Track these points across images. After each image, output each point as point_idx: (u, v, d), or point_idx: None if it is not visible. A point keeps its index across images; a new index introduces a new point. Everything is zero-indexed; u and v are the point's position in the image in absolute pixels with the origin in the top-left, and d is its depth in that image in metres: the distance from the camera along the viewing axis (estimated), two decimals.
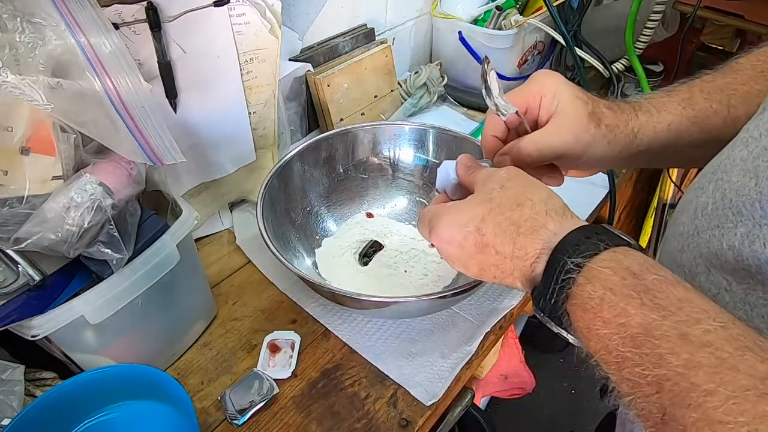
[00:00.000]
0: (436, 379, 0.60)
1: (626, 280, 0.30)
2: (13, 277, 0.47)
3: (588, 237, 0.33)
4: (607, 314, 0.29)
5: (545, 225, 0.35)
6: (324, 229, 0.79)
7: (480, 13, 1.04)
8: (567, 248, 0.33)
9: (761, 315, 0.31)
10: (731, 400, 0.23)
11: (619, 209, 1.33)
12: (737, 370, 0.24)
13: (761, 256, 0.30)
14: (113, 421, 0.53)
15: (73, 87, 0.44)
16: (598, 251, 0.32)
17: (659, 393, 0.26)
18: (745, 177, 0.32)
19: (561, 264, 0.32)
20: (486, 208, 0.38)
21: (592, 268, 0.31)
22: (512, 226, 0.36)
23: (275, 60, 0.71)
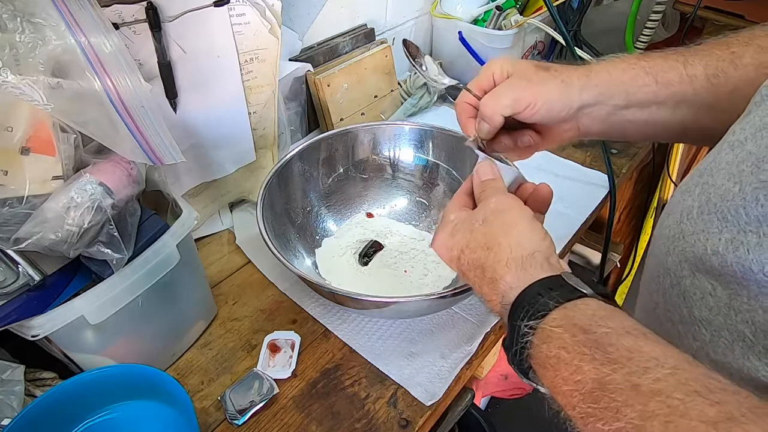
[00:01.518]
0: (436, 379, 0.60)
1: (577, 337, 0.31)
2: (13, 277, 0.47)
3: (541, 295, 0.34)
4: (564, 372, 0.31)
5: (503, 277, 0.37)
6: (324, 229, 0.79)
7: (480, 13, 1.04)
8: (520, 311, 0.35)
9: (745, 320, 0.31)
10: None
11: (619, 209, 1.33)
12: (689, 417, 0.24)
13: (745, 262, 0.30)
14: (113, 421, 0.53)
15: (73, 87, 0.44)
16: (548, 310, 0.33)
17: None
18: (730, 181, 0.33)
19: (518, 329, 0.34)
20: (465, 241, 0.41)
21: (545, 329, 0.33)
22: (480, 269, 0.40)
23: (275, 60, 0.71)
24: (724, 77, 0.43)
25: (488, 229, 0.40)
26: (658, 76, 0.45)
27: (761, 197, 0.30)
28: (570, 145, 0.98)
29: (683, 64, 0.44)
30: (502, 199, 0.43)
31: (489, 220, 0.41)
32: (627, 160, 0.95)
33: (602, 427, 0.27)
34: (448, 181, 0.80)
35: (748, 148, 0.33)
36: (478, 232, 0.41)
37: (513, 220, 0.41)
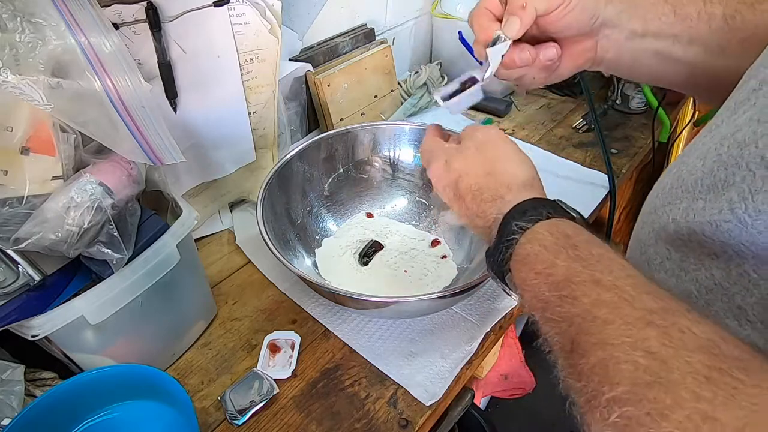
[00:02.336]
0: (436, 379, 0.60)
1: (559, 240, 0.35)
2: (13, 277, 0.47)
3: (536, 207, 0.38)
4: (539, 266, 0.34)
5: (503, 196, 0.41)
6: (324, 229, 0.79)
7: None
8: (515, 214, 0.38)
9: (693, 279, 0.34)
10: (623, 327, 0.27)
11: (619, 209, 1.33)
12: (633, 306, 0.28)
13: (692, 225, 0.33)
14: (113, 421, 0.53)
15: (73, 87, 0.44)
16: (540, 218, 0.37)
17: (571, 326, 0.30)
18: (698, 159, 0.35)
19: (509, 227, 0.38)
20: (464, 167, 0.44)
21: (533, 230, 0.37)
22: (478, 192, 0.43)
23: (275, 60, 0.71)
24: (741, 20, 0.43)
25: (484, 156, 0.44)
26: (677, 7, 0.45)
27: (715, 169, 0.33)
28: (570, 145, 0.98)
29: (703, 0, 0.44)
30: (489, 130, 0.46)
31: (482, 149, 0.45)
32: (627, 160, 0.95)
33: (560, 310, 0.31)
34: None
35: (722, 130, 0.35)
36: (476, 160, 0.44)
37: (507, 148, 0.44)
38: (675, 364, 0.24)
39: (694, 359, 0.24)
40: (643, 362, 0.25)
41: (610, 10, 0.46)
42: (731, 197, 0.31)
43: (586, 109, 1.07)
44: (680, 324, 0.26)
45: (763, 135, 0.30)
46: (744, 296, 0.31)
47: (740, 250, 0.30)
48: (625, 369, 0.25)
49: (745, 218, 0.30)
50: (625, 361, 0.26)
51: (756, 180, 0.29)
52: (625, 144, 0.99)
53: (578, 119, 1.05)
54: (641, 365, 0.25)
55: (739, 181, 0.30)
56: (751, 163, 0.30)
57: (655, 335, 0.26)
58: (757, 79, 0.34)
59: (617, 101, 1.08)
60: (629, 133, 1.02)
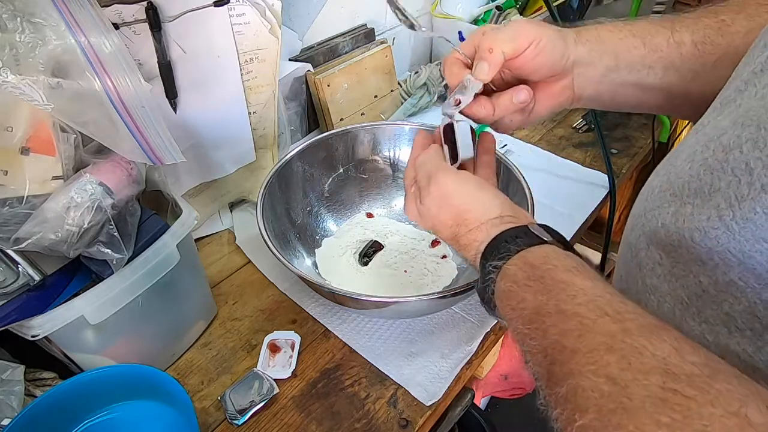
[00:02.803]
0: (436, 379, 0.60)
1: (527, 273, 0.36)
2: (13, 277, 0.47)
3: (507, 242, 0.39)
4: (513, 302, 0.36)
5: (476, 238, 0.42)
6: (324, 229, 0.79)
7: (480, 13, 1.04)
8: (488, 255, 0.40)
9: (682, 285, 0.35)
10: (587, 355, 0.28)
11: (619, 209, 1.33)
12: (594, 330, 0.29)
13: (681, 231, 0.33)
14: (113, 421, 0.53)
15: (73, 87, 0.44)
16: (510, 254, 0.39)
17: (545, 357, 0.31)
18: (685, 162, 0.35)
19: (485, 268, 0.40)
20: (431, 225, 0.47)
21: (504, 269, 0.38)
22: (454, 241, 0.45)
23: (275, 60, 0.71)
24: (711, 44, 0.44)
25: (449, 209, 0.45)
26: (645, 39, 0.46)
27: (701, 173, 0.33)
28: (570, 145, 0.98)
29: (670, 30, 0.46)
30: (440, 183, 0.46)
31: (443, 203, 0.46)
32: (627, 160, 0.95)
33: (534, 343, 0.33)
34: None
35: (707, 131, 0.35)
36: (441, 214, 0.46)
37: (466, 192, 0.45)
38: (634, 389, 0.25)
39: (650, 381, 0.25)
40: (606, 389, 0.26)
41: (581, 49, 0.47)
42: (718, 203, 0.31)
43: (586, 109, 1.07)
44: (638, 344, 0.27)
45: (747, 140, 0.30)
46: (732, 304, 0.31)
47: (726, 258, 0.31)
48: (591, 397, 0.26)
49: (732, 225, 0.30)
50: (590, 388, 0.27)
51: (741, 186, 0.29)
52: (625, 144, 0.99)
53: (578, 119, 1.05)
54: (605, 392, 0.26)
55: (725, 187, 0.31)
56: (736, 169, 0.30)
57: (614, 360, 0.27)
58: (741, 80, 0.34)
59: None
60: (629, 133, 1.02)
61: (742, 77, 0.34)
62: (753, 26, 0.43)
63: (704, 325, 0.34)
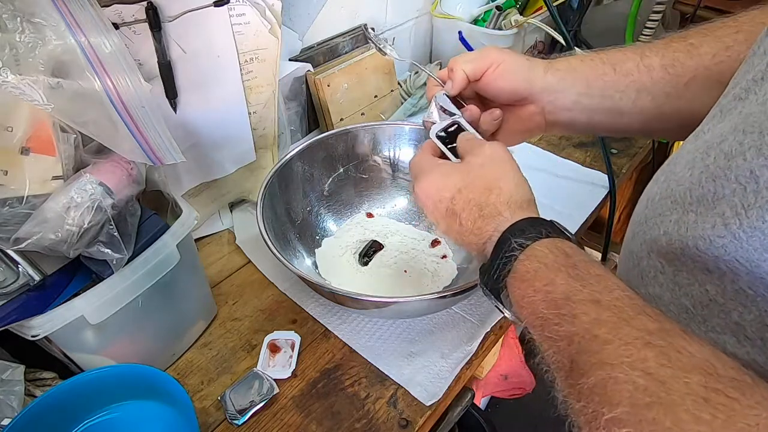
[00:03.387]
0: (436, 379, 0.60)
1: (558, 258, 0.35)
2: (13, 277, 0.47)
3: (534, 225, 0.38)
4: (539, 283, 0.34)
5: (502, 213, 0.41)
6: (324, 229, 0.79)
7: (480, 13, 1.04)
8: (515, 231, 0.39)
9: (687, 294, 0.34)
10: (622, 347, 0.27)
11: (619, 209, 1.33)
12: (631, 326, 0.28)
13: (685, 239, 0.33)
14: (113, 421, 0.53)
15: (73, 87, 0.44)
16: (540, 236, 0.37)
17: (570, 345, 0.30)
18: (686, 168, 0.35)
19: (507, 243, 0.38)
20: (463, 182, 0.44)
21: (533, 248, 0.37)
22: (477, 207, 0.42)
23: (275, 60, 0.71)
24: (680, 67, 0.46)
25: (487, 172, 0.44)
26: (615, 65, 0.48)
27: (703, 180, 0.32)
28: (570, 145, 0.98)
29: (639, 55, 0.47)
30: (496, 147, 0.46)
31: (487, 165, 0.44)
32: (627, 160, 0.95)
33: (558, 328, 0.31)
34: None
35: (706, 138, 0.35)
36: (478, 175, 0.44)
37: (509, 167, 0.44)
38: (673, 385, 0.24)
39: (691, 380, 0.24)
40: (642, 383, 0.25)
41: (551, 78, 0.50)
42: (723, 211, 0.30)
43: None
44: (677, 344, 0.26)
45: (750, 147, 0.29)
46: (741, 313, 0.31)
47: (734, 267, 0.30)
48: (624, 389, 0.25)
49: (740, 234, 0.29)
50: (624, 381, 0.25)
51: (747, 194, 0.29)
52: (625, 144, 0.99)
53: None
54: (640, 386, 0.25)
55: (729, 195, 0.30)
56: (740, 177, 0.30)
57: (653, 356, 0.26)
58: (741, 87, 0.34)
59: None
60: None
61: (742, 85, 0.34)
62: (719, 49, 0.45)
63: (711, 334, 0.33)
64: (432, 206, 0.46)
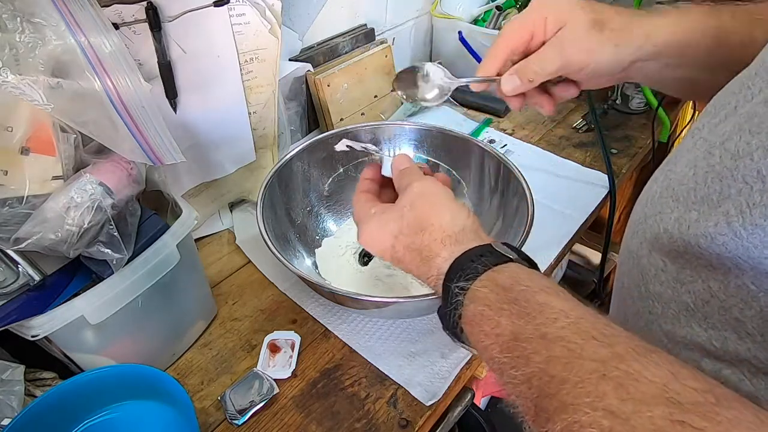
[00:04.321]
0: (436, 379, 0.60)
1: (499, 295, 0.34)
2: (13, 277, 0.47)
3: (473, 261, 0.37)
4: (486, 327, 0.34)
5: (439, 254, 0.40)
6: (324, 229, 0.79)
7: (480, 13, 1.04)
8: (452, 275, 0.38)
9: (688, 291, 0.34)
10: (579, 385, 0.26)
11: (619, 209, 1.33)
12: (584, 357, 0.27)
13: (686, 237, 0.33)
14: (113, 421, 0.53)
15: (73, 87, 0.44)
16: (477, 274, 0.36)
17: (530, 389, 0.29)
18: (687, 167, 0.35)
19: (450, 290, 0.37)
20: (397, 227, 0.43)
21: (473, 290, 0.36)
22: (416, 252, 0.42)
23: (275, 60, 0.71)
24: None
25: (418, 213, 0.43)
26: (722, 38, 0.44)
27: (709, 180, 0.32)
28: (570, 145, 0.98)
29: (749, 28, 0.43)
30: (424, 182, 0.45)
31: (416, 204, 0.43)
32: (627, 160, 0.95)
33: (515, 372, 0.30)
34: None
35: (704, 135, 0.35)
36: (409, 217, 0.43)
37: (439, 200, 0.43)
38: (638, 422, 0.23)
39: (655, 413, 0.23)
40: (607, 424, 0.24)
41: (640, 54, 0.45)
42: (728, 210, 0.30)
43: (586, 109, 1.07)
44: (633, 371, 0.25)
45: (758, 147, 0.29)
46: (742, 309, 0.31)
47: (738, 263, 0.30)
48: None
49: (740, 232, 0.29)
50: (588, 424, 0.25)
51: (753, 194, 0.29)
52: (625, 144, 0.99)
53: (578, 119, 1.05)
54: (605, 427, 0.24)
55: (735, 194, 0.30)
56: (747, 177, 0.30)
57: (611, 389, 0.25)
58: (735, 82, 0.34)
59: (617, 101, 1.08)
60: (629, 133, 1.02)
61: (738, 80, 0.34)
62: None
63: (711, 331, 0.33)
64: (380, 254, 0.46)
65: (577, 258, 1.42)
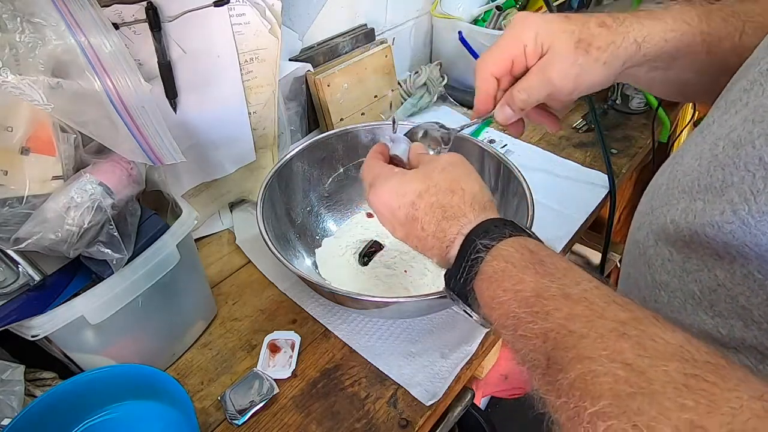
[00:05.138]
0: (436, 379, 0.60)
1: (524, 255, 0.35)
2: (13, 277, 0.47)
3: (497, 226, 0.38)
4: (507, 283, 0.34)
5: (466, 214, 0.40)
6: (324, 229, 0.79)
7: (480, 13, 1.04)
8: (479, 232, 0.38)
9: (694, 279, 0.35)
10: (598, 340, 0.27)
11: (619, 209, 1.33)
12: (605, 318, 0.28)
13: (693, 226, 0.33)
14: (113, 421, 0.53)
15: (73, 87, 0.44)
16: (504, 236, 0.37)
17: (545, 342, 0.30)
18: (693, 159, 0.35)
19: (473, 245, 0.37)
20: (424, 186, 0.42)
21: (498, 248, 0.36)
22: (440, 209, 0.41)
23: (275, 60, 0.71)
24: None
25: (449, 176, 0.43)
26: (712, 44, 0.43)
27: (711, 169, 0.33)
28: (570, 145, 0.98)
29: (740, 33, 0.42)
30: (453, 155, 0.46)
31: (448, 169, 0.43)
32: (627, 160, 0.95)
33: (532, 326, 0.31)
34: None
35: (713, 129, 0.35)
36: (440, 178, 0.43)
37: (471, 171, 0.44)
38: (653, 374, 0.24)
39: (669, 367, 0.24)
40: (623, 374, 0.25)
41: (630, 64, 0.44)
42: (732, 198, 0.31)
43: (586, 109, 1.07)
44: (651, 332, 0.26)
45: (759, 135, 0.30)
46: (748, 297, 0.31)
47: (744, 252, 0.30)
48: (605, 382, 0.25)
49: (748, 219, 0.30)
50: (604, 374, 0.25)
51: (756, 181, 0.29)
52: (625, 144, 0.99)
53: (578, 119, 1.05)
54: (621, 377, 0.25)
55: (738, 182, 0.30)
56: (749, 164, 0.30)
57: (629, 347, 0.26)
58: (747, 79, 0.34)
59: (617, 101, 1.08)
60: (629, 133, 1.02)
61: (748, 77, 0.34)
62: None
63: (717, 319, 0.33)
64: (389, 214, 0.44)
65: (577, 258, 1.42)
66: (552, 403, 0.28)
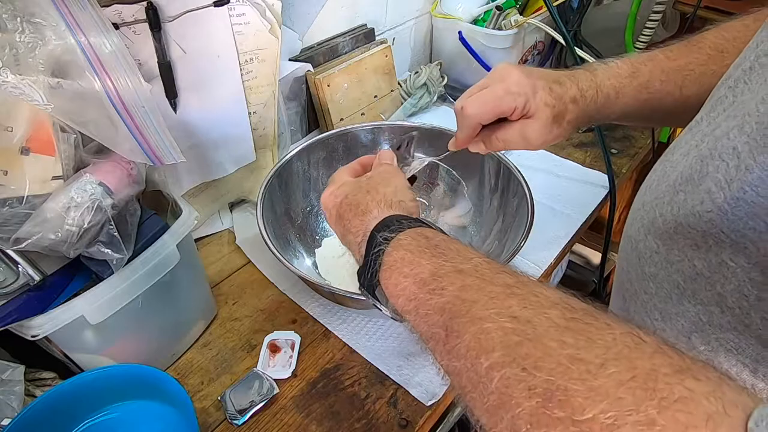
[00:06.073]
0: (436, 379, 0.60)
1: (420, 242, 0.37)
2: (13, 277, 0.47)
3: (398, 221, 0.41)
4: (407, 269, 0.36)
5: (371, 210, 0.43)
6: (324, 229, 0.79)
7: (480, 13, 1.04)
8: (380, 227, 0.41)
9: (678, 270, 0.36)
10: (488, 302, 0.29)
11: (619, 209, 1.33)
12: (494, 283, 0.31)
13: (677, 218, 0.35)
14: (113, 421, 0.53)
15: (73, 87, 0.44)
16: (402, 228, 0.39)
17: (442, 315, 0.32)
18: (681, 156, 0.37)
19: (375, 239, 0.40)
20: (351, 189, 0.47)
21: (398, 238, 0.39)
22: (355, 206, 0.45)
23: (275, 60, 0.71)
24: None
25: (370, 182, 0.47)
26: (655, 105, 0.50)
27: (693, 162, 0.35)
28: (570, 145, 0.98)
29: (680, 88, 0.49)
30: (392, 167, 0.50)
31: (373, 177, 0.48)
32: (627, 160, 0.95)
33: (430, 303, 0.33)
34: (447, 181, 0.80)
35: (702, 127, 0.37)
36: (362, 183, 0.48)
37: (393, 178, 0.48)
38: (537, 321, 0.26)
39: (551, 314, 0.27)
40: (510, 326, 0.27)
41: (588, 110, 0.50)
42: (709, 188, 0.33)
43: None
44: (535, 290, 0.29)
45: (734, 127, 0.32)
46: (723, 284, 0.33)
47: (720, 239, 0.32)
48: (496, 336, 0.27)
49: (724, 207, 0.31)
50: (494, 329, 0.27)
51: (729, 169, 0.31)
52: (625, 144, 0.99)
53: None
54: (509, 329, 0.27)
55: (713, 171, 0.33)
56: (724, 154, 0.32)
57: (515, 302, 0.28)
58: (733, 78, 0.36)
59: None
60: (629, 133, 1.02)
61: (734, 76, 0.36)
62: None
63: (699, 307, 0.35)
64: (329, 214, 0.49)
65: (577, 258, 1.42)
66: (454, 369, 0.30)
